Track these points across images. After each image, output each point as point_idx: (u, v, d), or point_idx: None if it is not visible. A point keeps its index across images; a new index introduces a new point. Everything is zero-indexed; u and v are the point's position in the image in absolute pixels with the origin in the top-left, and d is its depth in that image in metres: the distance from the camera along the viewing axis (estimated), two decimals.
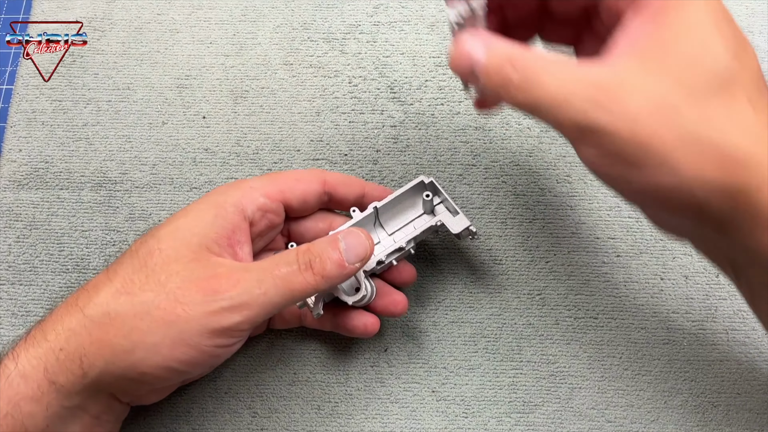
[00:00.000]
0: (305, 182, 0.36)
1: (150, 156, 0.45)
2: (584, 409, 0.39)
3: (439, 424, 0.39)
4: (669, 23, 0.26)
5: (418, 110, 0.45)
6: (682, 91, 0.25)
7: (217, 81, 0.46)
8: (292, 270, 0.31)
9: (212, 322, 0.30)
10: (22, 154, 0.45)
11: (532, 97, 0.26)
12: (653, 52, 0.26)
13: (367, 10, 0.48)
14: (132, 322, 0.30)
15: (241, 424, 0.39)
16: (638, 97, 0.25)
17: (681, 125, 0.25)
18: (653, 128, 0.25)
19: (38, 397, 0.29)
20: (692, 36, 0.26)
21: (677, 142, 0.25)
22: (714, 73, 0.25)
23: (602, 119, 0.25)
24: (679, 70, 0.25)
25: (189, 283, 0.30)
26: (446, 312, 0.41)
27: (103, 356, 0.30)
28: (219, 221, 0.33)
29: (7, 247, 0.43)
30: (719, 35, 0.26)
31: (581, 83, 0.26)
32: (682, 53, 0.25)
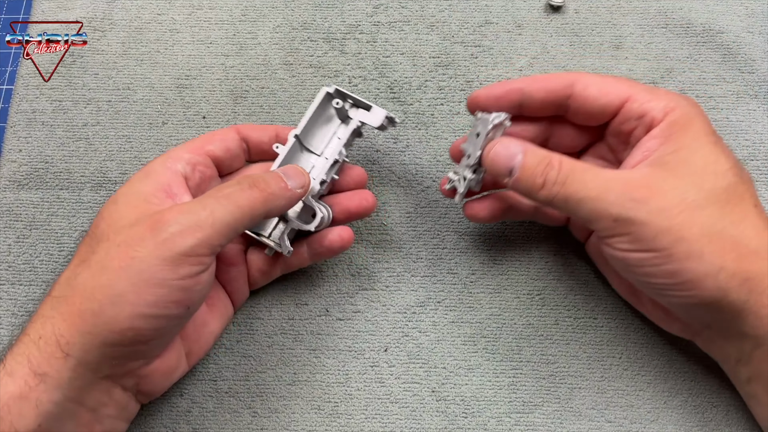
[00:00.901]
0: (219, 132, 0.38)
1: (150, 156, 0.45)
2: (584, 410, 0.39)
3: (439, 424, 0.39)
4: (682, 142, 0.32)
5: (418, 110, 0.45)
6: (702, 193, 0.30)
7: (217, 81, 0.46)
8: (236, 189, 0.32)
9: (166, 251, 0.29)
10: (22, 154, 0.45)
11: (570, 192, 0.31)
12: (673, 164, 0.31)
13: (367, 10, 0.47)
14: (92, 282, 0.30)
15: (241, 424, 0.39)
16: (669, 195, 0.30)
17: (705, 221, 0.30)
18: (683, 222, 0.29)
19: (26, 394, 0.29)
20: (702, 152, 0.31)
21: (703, 235, 0.30)
22: (727, 182, 0.31)
23: (639, 212, 0.30)
24: (698, 178, 0.31)
25: (136, 228, 0.31)
26: (446, 312, 0.41)
27: (77, 329, 0.29)
28: (151, 178, 0.34)
29: (7, 247, 0.43)
30: (723, 153, 0.32)
31: (617, 182, 0.31)
32: (698, 165, 0.31)
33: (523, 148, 0.33)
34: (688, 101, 0.33)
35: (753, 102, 0.44)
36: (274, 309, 0.41)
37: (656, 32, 0.46)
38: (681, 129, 0.32)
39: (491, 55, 0.46)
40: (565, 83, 0.35)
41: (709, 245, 0.30)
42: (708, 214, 0.30)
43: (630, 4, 0.47)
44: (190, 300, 0.31)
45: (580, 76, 0.35)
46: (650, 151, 0.32)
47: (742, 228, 0.30)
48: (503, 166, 0.33)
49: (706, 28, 0.46)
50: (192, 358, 0.37)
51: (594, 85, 0.34)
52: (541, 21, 0.47)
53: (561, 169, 0.32)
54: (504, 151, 0.33)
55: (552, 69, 0.45)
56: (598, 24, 0.46)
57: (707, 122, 0.33)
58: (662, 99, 0.33)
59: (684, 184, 0.30)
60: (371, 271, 0.42)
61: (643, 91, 0.33)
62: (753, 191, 0.32)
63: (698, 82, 0.45)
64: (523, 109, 0.36)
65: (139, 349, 0.31)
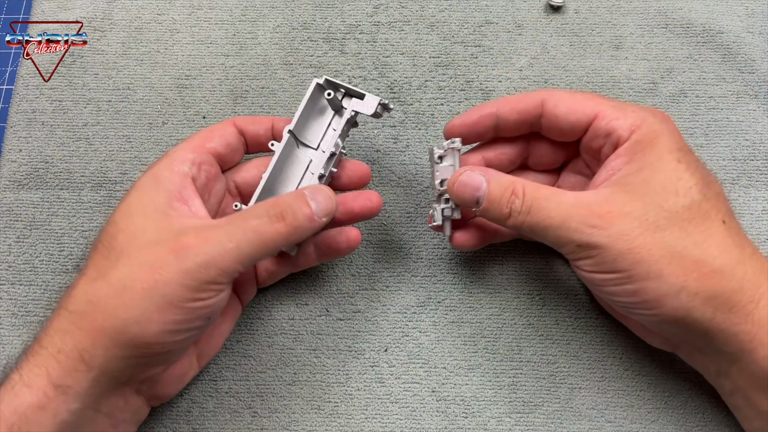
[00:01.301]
0: (218, 128, 0.37)
1: (150, 156, 0.45)
2: (584, 410, 0.39)
3: (439, 424, 0.39)
4: (645, 160, 0.32)
5: (417, 110, 0.45)
6: (663, 214, 0.30)
7: (217, 81, 0.46)
8: (263, 222, 0.32)
9: (190, 280, 0.30)
10: (22, 154, 0.45)
11: (535, 220, 0.32)
12: (635, 184, 0.31)
13: (367, 10, 0.47)
14: (115, 301, 0.30)
15: (241, 424, 0.39)
16: (628, 218, 0.30)
17: (665, 242, 0.30)
18: (642, 244, 0.30)
19: (44, 404, 0.29)
20: (665, 171, 0.31)
21: (663, 256, 0.30)
22: (689, 200, 0.31)
23: (600, 237, 0.30)
24: (659, 197, 0.31)
25: (159, 248, 0.30)
26: (446, 312, 0.41)
27: (101, 344, 0.30)
28: (162, 186, 0.34)
29: (7, 247, 0.43)
30: (688, 169, 0.32)
31: (578, 207, 0.31)
32: (659, 184, 0.31)
33: (486, 177, 0.33)
34: (657, 117, 0.33)
35: (753, 102, 0.44)
36: (274, 309, 0.41)
37: (656, 32, 0.46)
38: (645, 147, 0.32)
39: (491, 55, 0.46)
40: (535, 102, 0.35)
41: (669, 266, 0.30)
42: (668, 235, 0.30)
43: (630, 4, 0.47)
44: (211, 314, 0.32)
45: (551, 94, 0.35)
46: (615, 169, 0.32)
47: (705, 247, 0.30)
48: (469, 196, 0.34)
49: (706, 28, 0.46)
50: (203, 360, 0.38)
51: (563, 103, 0.34)
52: (541, 21, 0.47)
53: (525, 197, 0.32)
54: (468, 181, 0.34)
55: (552, 69, 0.46)
56: (598, 24, 0.46)
57: (674, 137, 0.33)
58: (629, 116, 0.33)
59: (644, 205, 0.31)
60: (371, 271, 0.42)
61: (611, 108, 0.34)
62: (721, 206, 0.32)
63: (698, 82, 0.45)
64: (499, 132, 0.37)
65: (161, 358, 0.32)
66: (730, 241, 0.31)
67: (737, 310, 0.30)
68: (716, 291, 0.30)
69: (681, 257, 0.30)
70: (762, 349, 0.30)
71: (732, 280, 0.30)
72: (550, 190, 0.33)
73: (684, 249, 0.30)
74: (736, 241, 0.31)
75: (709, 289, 0.30)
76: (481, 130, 0.37)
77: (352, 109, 0.37)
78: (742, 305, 0.30)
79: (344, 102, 0.38)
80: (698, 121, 0.44)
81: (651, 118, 0.33)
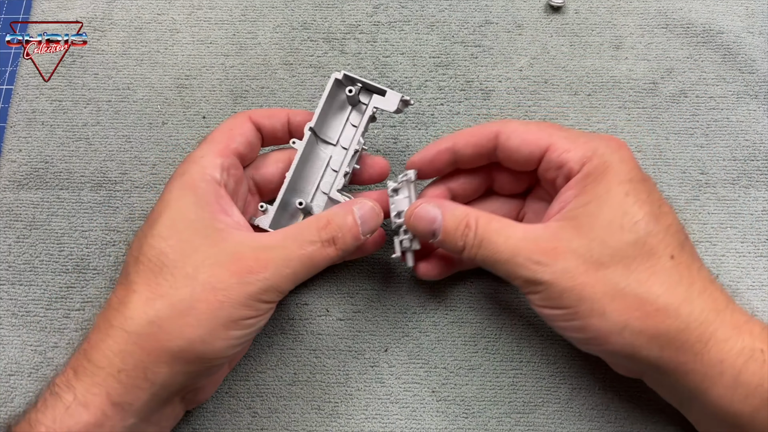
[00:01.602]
0: (238, 125, 0.37)
1: (150, 156, 0.45)
2: (585, 410, 0.39)
3: (440, 425, 0.39)
4: (594, 193, 0.31)
5: (417, 110, 0.45)
6: (607, 251, 0.30)
7: (217, 81, 0.46)
8: (318, 248, 0.33)
9: (251, 301, 0.31)
10: (22, 154, 0.45)
11: (485, 254, 0.32)
12: (582, 218, 0.31)
13: (367, 10, 0.47)
14: (179, 322, 0.30)
15: (241, 424, 0.39)
16: (572, 255, 0.30)
17: (609, 280, 0.30)
18: (586, 282, 0.30)
19: (102, 422, 0.30)
20: (611, 205, 0.31)
21: (606, 294, 0.30)
22: (635, 236, 0.30)
23: (545, 274, 0.30)
24: (604, 233, 0.30)
25: (219, 269, 0.31)
26: (446, 312, 0.41)
27: (164, 362, 0.30)
28: (202, 199, 0.33)
29: (7, 247, 0.43)
30: (636, 202, 0.31)
31: (525, 242, 0.31)
32: (605, 219, 0.31)
33: (442, 210, 0.34)
34: (609, 146, 0.33)
35: (753, 102, 0.44)
36: (275, 309, 0.41)
37: (656, 32, 0.46)
38: (595, 180, 0.32)
39: (491, 55, 0.46)
40: (489, 136, 0.35)
41: (612, 304, 0.30)
42: (611, 272, 0.30)
43: (630, 4, 0.47)
44: (265, 323, 0.34)
45: (504, 125, 0.35)
46: (566, 202, 0.32)
47: (648, 285, 0.30)
48: (425, 229, 0.34)
49: (706, 28, 0.46)
50: (234, 361, 0.39)
51: (516, 136, 0.34)
52: (541, 21, 0.47)
53: (477, 230, 0.32)
54: (424, 214, 0.34)
55: (552, 69, 0.46)
56: (598, 24, 0.46)
57: (626, 168, 0.32)
58: (580, 148, 0.33)
59: (589, 242, 0.30)
60: (372, 271, 0.42)
61: (563, 139, 0.33)
62: (671, 240, 0.31)
63: (698, 82, 0.45)
64: (458, 165, 0.37)
65: (214, 369, 0.33)
66: (677, 279, 0.30)
67: (685, 350, 0.29)
68: (660, 330, 0.29)
69: (623, 295, 0.30)
70: (715, 389, 0.30)
71: (677, 319, 0.29)
72: (501, 223, 0.33)
73: (627, 287, 0.30)
74: (685, 277, 0.30)
75: (652, 327, 0.29)
76: (440, 166, 0.37)
77: (374, 106, 0.37)
78: (690, 344, 0.29)
79: (361, 96, 0.38)
80: (698, 121, 0.44)
81: (602, 148, 0.32)
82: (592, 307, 0.30)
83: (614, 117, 0.44)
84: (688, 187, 0.43)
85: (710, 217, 0.42)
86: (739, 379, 0.29)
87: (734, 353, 0.29)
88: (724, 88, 0.45)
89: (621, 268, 0.30)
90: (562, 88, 0.45)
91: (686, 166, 0.43)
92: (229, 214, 0.34)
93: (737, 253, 0.41)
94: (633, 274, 0.30)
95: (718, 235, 0.42)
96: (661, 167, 0.43)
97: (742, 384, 0.29)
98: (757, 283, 0.41)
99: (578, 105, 0.45)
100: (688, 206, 0.42)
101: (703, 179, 0.43)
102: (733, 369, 0.29)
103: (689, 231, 0.42)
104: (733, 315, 0.30)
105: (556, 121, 0.44)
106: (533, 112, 0.45)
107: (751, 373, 0.29)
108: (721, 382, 0.29)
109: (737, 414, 0.30)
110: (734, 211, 0.42)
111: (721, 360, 0.29)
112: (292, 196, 0.38)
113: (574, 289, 0.30)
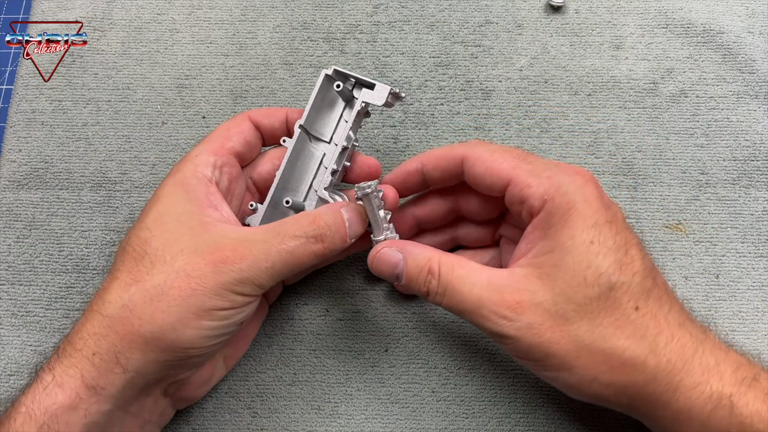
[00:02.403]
0: (235, 125, 0.37)
1: (150, 156, 0.45)
2: (585, 410, 0.39)
3: (440, 425, 0.39)
4: (557, 240, 0.31)
5: (417, 110, 0.45)
6: (571, 305, 0.30)
7: (217, 81, 0.46)
8: (300, 243, 0.32)
9: (226, 292, 0.31)
10: (21, 154, 0.45)
11: (451, 304, 0.32)
12: (546, 268, 0.31)
13: (367, 10, 0.47)
14: (151, 307, 0.30)
15: (241, 424, 0.39)
16: (537, 310, 0.30)
17: (574, 335, 0.29)
18: (551, 338, 0.30)
19: (76, 404, 0.30)
20: (575, 255, 0.30)
21: (572, 350, 0.30)
22: (599, 290, 0.30)
23: (510, 329, 0.30)
24: (569, 287, 0.30)
25: (195, 258, 0.31)
26: (446, 312, 0.41)
27: (137, 347, 0.30)
28: (191, 195, 0.34)
29: (7, 247, 0.43)
30: (601, 252, 0.30)
31: (489, 292, 0.31)
32: (570, 272, 0.30)
33: (404, 255, 0.33)
34: (575, 182, 0.31)
35: (753, 102, 0.44)
36: (275, 309, 0.41)
37: (656, 32, 0.46)
38: (558, 222, 0.31)
39: (491, 55, 0.46)
40: (456, 161, 0.35)
41: (578, 359, 0.29)
42: (576, 328, 0.30)
43: (630, 4, 0.47)
44: (244, 319, 0.33)
45: (471, 149, 0.34)
46: (532, 244, 0.32)
47: (614, 340, 0.29)
48: (388, 273, 0.34)
49: (706, 28, 0.46)
50: (230, 362, 0.38)
51: (481, 163, 0.34)
52: (541, 21, 0.47)
53: (440, 278, 0.32)
54: (386, 258, 0.34)
55: (552, 69, 0.45)
56: (598, 24, 0.46)
57: (591, 210, 0.31)
58: (542, 184, 0.31)
59: (553, 296, 0.30)
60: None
61: (525, 173, 0.32)
62: (635, 290, 0.30)
63: (698, 82, 0.45)
64: (429, 184, 0.37)
65: (192, 362, 0.33)
66: (642, 331, 0.30)
67: (653, 400, 0.30)
68: (627, 383, 0.29)
69: (589, 351, 0.29)
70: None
71: (644, 372, 0.29)
72: (465, 269, 0.32)
73: (593, 342, 0.29)
74: (651, 327, 0.30)
75: (619, 381, 0.29)
76: (411, 186, 0.37)
77: (362, 100, 0.37)
78: (657, 395, 0.29)
79: (355, 92, 0.38)
80: (698, 121, 0.44)
81: (566, 185, 0.31)
82: (560, 362, 0.30)
83: (614, 117, 0.44)
84: (688, 187, 0.43)
85: (710, 217, 0.42)
86: (707, 425, 0.29)
87: (702, 401, 0.29)
88: (724, 88, 0.45)
89: (586, 323, 0.30)
90: (562, 88, 0.45)
91: (686, 166, 0.43)
92: (218, 209, 0.34)
93: (737, 253, 0.41)
94: (598, 329, 0.30)
95: (718, 235, 0.42)
96: (661, 167, 0.43)
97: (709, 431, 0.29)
98: (757, 283, 0.41)
99: (578, 105, 0.45)
100: (688, 206, 0.42)
101: (703, 179, 0.43)
102: (701, 416, 0.29)
103: (689, 231, 0.42)
104: (702, 359, 0.30)
105: (555, 121, 0.44)
106: (533, 112, 0.45)
107: (719, 420, 0.29)
108: (689, 428, 0.29)
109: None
110: (734, 211, 0.42)
111: (689, 407, 0.29)
112: (285, 195, 0.37)
113: (540, 345, 0.30)
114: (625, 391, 0.30)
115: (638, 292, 0.30)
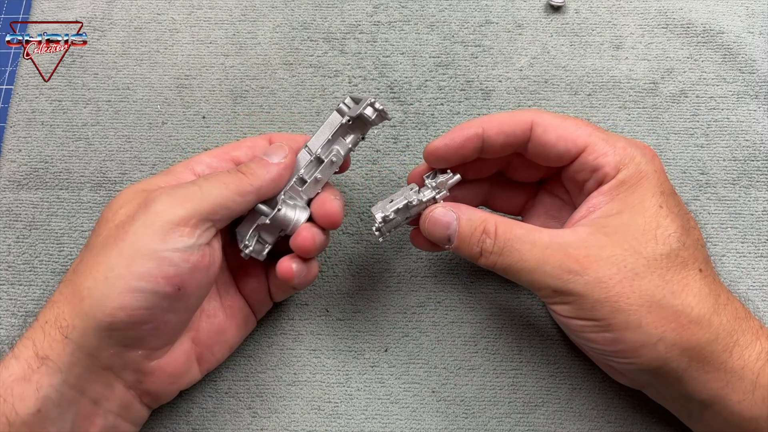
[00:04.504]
0: (251, 139, 0.38)
1: (150, 156, 0.45)
2: (585, 410, 0.39)
3: (440, 425, 0.39)
4: (627, 202, 0.31)
5: (417, 110, 0.45)
6: (642, 260, 0.30)
7: (217, 81, 0.46)
8: (224, 173, 0.33)
9: (156, 220, 0.30)
10: (21, 154, 0.45)
11: (508, 263, 0.31)
12: (615, 227, 0.31)
13: (367, 10, 0.47)
14: (91, 261, 0.30)
15: (241, 424, 0.39)
16: (606, 264, 0.30)
17: (644, 290, 0.29)
18: (620, 292, 0.29)
19: (28, 376, 0.29)
20: (645, 216, 0.31)
21: (641, 305, 0.29)
22: (668, 248, 0.30)
23: (577, 284, 0.30)
24: (637, 244, 0.30)
25: (129, 205, 0.32)
26: (446, 312, 0.41)
27: (75, 311, 0.30)
28: (169, 176, 0.35)
29: (7, 247, 0.43)
30: (669, 214, 0.31)
31: (554, 250, 0.30)
32: (639, 230, 0.30)
33: (458, 215, 0.33)
34: (646, 156, 0.32)
35: (753, 102, 0.44)
36: (275, 309, 0.41)
37: (656, 32, 0.46)
38: (629, 188, 0.31)
39: (491, 55, 0.46)
40: (524, 126, 0.33)
41: (648, 315, 0.29)
42: (647, 283, 0.29)
43: (630, 4, 0.47)
44: (180, 279, 0.31)
45: (540, 117, 0.33)
46: (596, 207, 0.32)
47: (683, 297, 0.30)
48: (440, 234, 0.33)
49: (706, 28, 0.46)
50: (204, 365, 0.36)
51: (553, 130, 0.33)
52: (541, 21, 0.47)
53: (497, 237, 0.31)
54: (440, 218, 0.33)
55: (552, 69, 0.45)
56: (598, 24, 0.46)
57: (660, 180, 0.32)
58: (618, 153, 0.32)
59: (622, 251, 0.30)
60: (371, 271, 0.42)
61: (601, 141, 0.32)
62: (699, 254, 0.31)
63: (698, 82, 0.45)
64: (483, 154, 0.34)
65: (133, 334, 0.31)
66: (707, 291, 0.30)
67: (712, 360, 0.30)
68: (692, 342, 0.30)
69: (660, 307, 0.29)
70: (734, 395, 0.30)
71: (708, 331, 0.30)
72: (524, 229, 0.31)
73: (663, 299, 0.29)
74: (713, 289, 0.31)
75: (686, 340, 0.29)
76: (466, 153, 0.34)
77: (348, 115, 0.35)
78: (717, 355, 0.30)
79: None
80: (698, 121, 0.44)
81: (639, 157, 0.32)
82: (628, 319, 0.29)
83: (614, 117, 0.44)
84: (688, 187, 0.43)
85: (710, 217, 0.42)
86: (757, 382, 0.30)
87: (753, 358, 0.30)
88: (724, 88, 0.45)
89: (656, 279, 0.30)
90: (562, 88, 0.45)
91: (686, 166, 0.43)
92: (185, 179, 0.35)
93: (737, 253, 0.41)
94: (668, 286, 0.30)
95: (718, 235, 0.42)
96: None
97: (760, 386, 0.30)
98: (757, 283, 0.41)
99: (578, 105, 0.45)
100: (689, 206, 0.42)
101: (703, 179, 0.43)
102: (752, 373, 0.30)
103: None
104: (751, 321, 0.31)
105: None
106: None
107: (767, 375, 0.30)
108: (740, 387, 0.30)
109: (754, 417, 0.30)
110: (734, 211, 0.42)
111: (742, 366, 0.30)
112: None
113: (609, 300, 0.29)
114: (688, 352, 0.29)
115: (701, 257, 0.31)
